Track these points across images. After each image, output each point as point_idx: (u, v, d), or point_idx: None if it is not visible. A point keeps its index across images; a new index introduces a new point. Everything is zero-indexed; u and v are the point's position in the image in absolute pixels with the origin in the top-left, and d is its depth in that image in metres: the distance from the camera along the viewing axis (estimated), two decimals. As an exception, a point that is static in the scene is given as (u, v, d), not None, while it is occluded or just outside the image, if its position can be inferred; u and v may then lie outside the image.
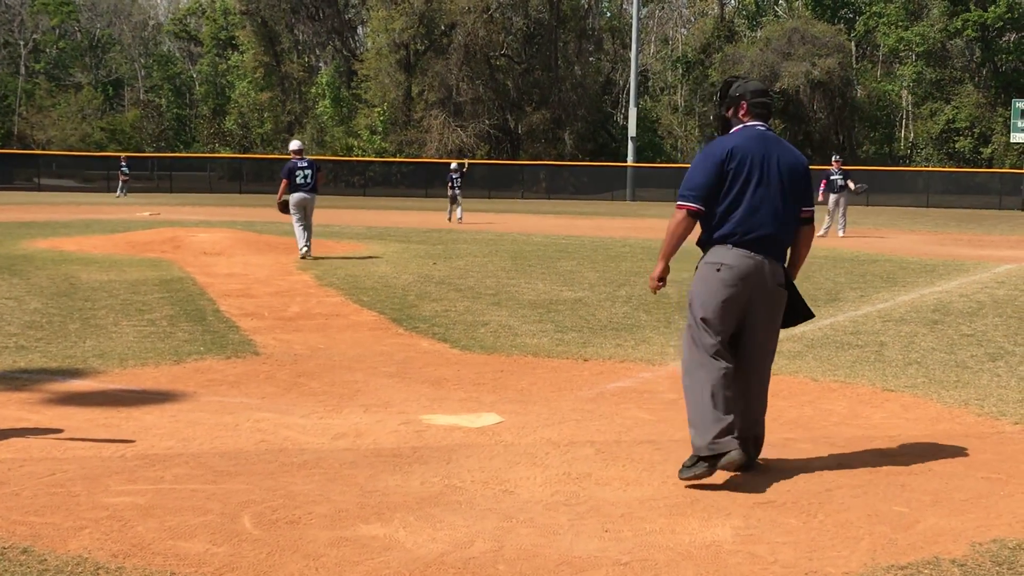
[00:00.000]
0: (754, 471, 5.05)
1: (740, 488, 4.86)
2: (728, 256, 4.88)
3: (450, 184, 29.01)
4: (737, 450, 4.77)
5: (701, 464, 4.82)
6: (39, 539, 3.99)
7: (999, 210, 47.90)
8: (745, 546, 4.09)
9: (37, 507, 4.37)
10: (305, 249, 16.45)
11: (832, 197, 25.09)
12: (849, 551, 4.05)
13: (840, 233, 24.74)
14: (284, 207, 16.73)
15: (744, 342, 4.98)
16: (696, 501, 4.64)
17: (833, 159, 26.38)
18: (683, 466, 4.91)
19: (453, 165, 30.09)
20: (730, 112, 5.15)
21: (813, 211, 5.15)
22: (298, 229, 16.62)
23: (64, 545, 3.93)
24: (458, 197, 28.95)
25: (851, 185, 25.01)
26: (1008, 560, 3.97)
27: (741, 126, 5.09)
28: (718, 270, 4.87)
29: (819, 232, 24.68)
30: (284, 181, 16.73)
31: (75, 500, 4.47)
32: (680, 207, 4.94)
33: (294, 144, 17.41)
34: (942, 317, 10.80)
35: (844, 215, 25.24)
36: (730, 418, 4.81)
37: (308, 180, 16.79)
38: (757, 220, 4.88)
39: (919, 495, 4.79)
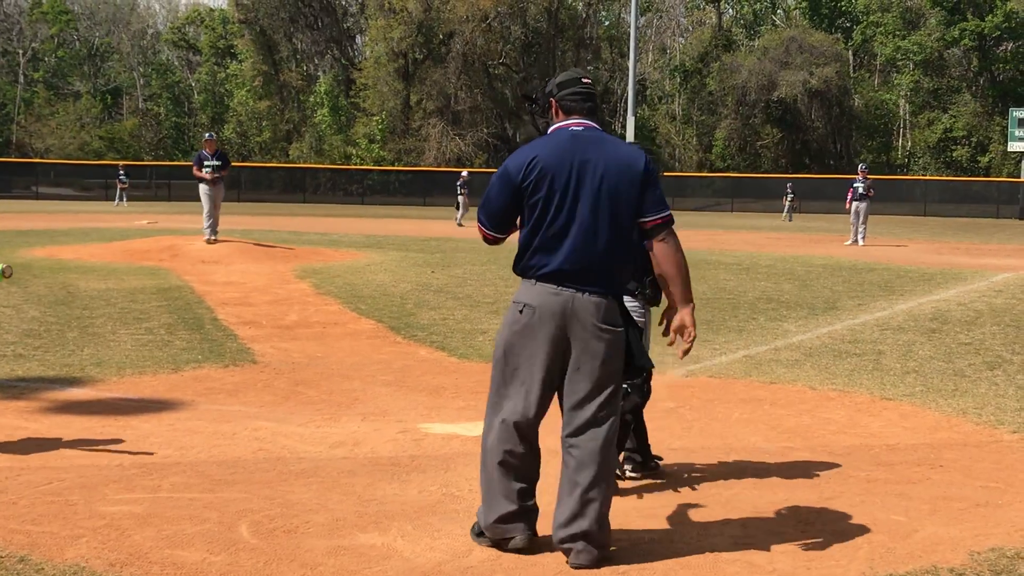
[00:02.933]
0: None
1: (738, 497, 4.86)
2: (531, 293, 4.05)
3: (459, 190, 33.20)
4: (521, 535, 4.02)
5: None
6: (36, 548, 3.98)
7: (996, 219, 47.95)
8: (743, 555, 4.08)
9: (34, 516, 4.37)
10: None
11: (854, 206, 24.88)
12: (847, 560, 4.04)
13: (860, 243, 24.52)
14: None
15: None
16: (694, 510, 4.64)
17: (860, 167, 26.12)
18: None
19: (464, 173, 34.98)
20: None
21: (663, 218, 3.99)
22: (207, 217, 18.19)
23: (61, 554, 3.92)
24: (460, 203, 32.56)
25: (871, 192, 24.87)
26: (1007, 569, 3.97)
27: (553, 127, 4.20)
28: (520, 311, 4.05)
29: (847, 242, 24.64)
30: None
31: (72, 509, 4.46)
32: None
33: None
34: (940, 326, 10.81)
35: (864, 224, 24.97)
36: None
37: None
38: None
39: (917, 504, 4.78)
